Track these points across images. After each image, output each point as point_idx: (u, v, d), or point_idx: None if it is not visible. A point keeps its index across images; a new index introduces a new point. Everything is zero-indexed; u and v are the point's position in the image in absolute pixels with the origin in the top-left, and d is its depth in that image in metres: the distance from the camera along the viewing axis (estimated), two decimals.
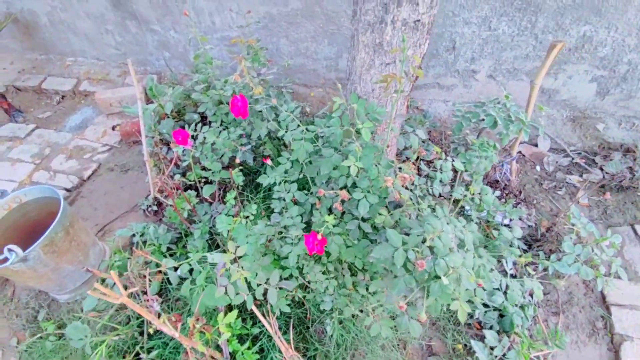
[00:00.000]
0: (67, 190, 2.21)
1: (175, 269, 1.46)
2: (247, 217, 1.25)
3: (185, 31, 2.71)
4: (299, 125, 1.09)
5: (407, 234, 0.97)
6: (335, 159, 0.95)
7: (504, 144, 1.43)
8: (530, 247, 1.84)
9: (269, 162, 1.24)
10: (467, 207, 1.94)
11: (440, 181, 1.19)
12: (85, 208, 2.12)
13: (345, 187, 0.99)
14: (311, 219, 1.24)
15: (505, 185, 1.98)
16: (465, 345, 1.57)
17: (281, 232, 1.24)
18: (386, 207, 1.02)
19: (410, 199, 0.98)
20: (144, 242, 1.74)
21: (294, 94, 2.73)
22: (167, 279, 1.58)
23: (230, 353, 1.36)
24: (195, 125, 1.56)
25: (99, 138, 2.57)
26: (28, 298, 1.72)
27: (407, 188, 0.99)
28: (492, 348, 1.50)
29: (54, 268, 1.52)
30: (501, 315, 1.62)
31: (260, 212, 1.34)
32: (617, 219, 2.07)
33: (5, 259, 1.35)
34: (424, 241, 0.81)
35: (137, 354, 1.44)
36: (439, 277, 0.75)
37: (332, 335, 1.41)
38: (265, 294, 1.14)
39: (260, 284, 1.09)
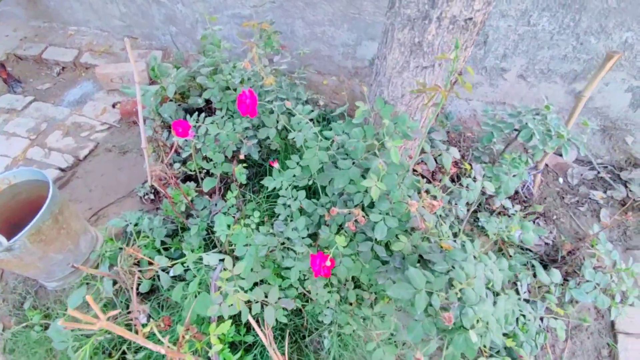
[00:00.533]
0: (62, 169, 2.11)
1: (166, 270, 1.37)
2: (248, 225, 1.13)
3: (194, 5, 2.53)
4: (315, 133, 0.96)
5: (424, 261, 0.85)
6: (353, 173, 0.83)
7: (536, 159, 1.29)
8: (546, 267, 1.72)
9: (276, 165, 1.11)
10: (482, 219, 1.82)
11: (467, 202, 1.07)
12: (80, 189, 2.03)
13: (361, 204, 0.87)
14: (318, 231, 1.12)
15: (526, 198, 1.84)
16: None
17: (284, 243, 1.13)
18: (405, 230, 0.90)
19: (436, 226, 0.86)
20: (138, 233, 1.65)
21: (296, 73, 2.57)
22: (157, 276, 1.49)
23: None
24: (198, 114, 1.43)
25: (97, 115, 2.45)
26: (16, 282, 1.65)
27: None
28: None
29: (41, 256, 1.44)
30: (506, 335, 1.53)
31: (263, 218, 1.23)
32: (636, 241, 1.94)
33: None
34: (450, 284, 0.70)
35: (124, 352, 1.38)
36: (466, 329, 0.65)
37: (329, 350, 1.33)
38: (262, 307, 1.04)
39: (257, 302, 0.99)
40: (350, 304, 1.30)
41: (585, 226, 1.93)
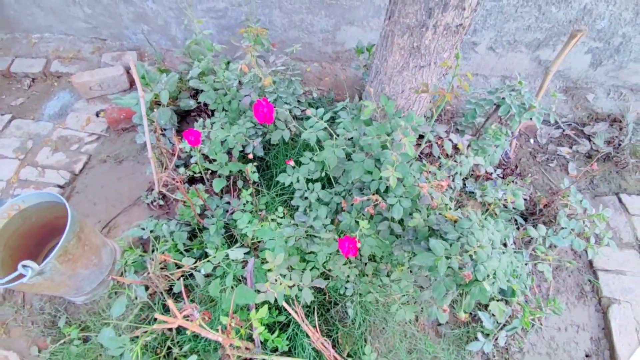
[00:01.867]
0: (60, 187, 2.10)
1: (195, 269, 1.47)
2: (273, 220, 1.25)
3: (165, 2, 2.46)
4: (325, 130, 1.06)
5: (433, 232, 1.01)
6: (368, 165, 0.95)
7: (514, 129, 1.46)
8: (526, 220, 1.97)
9: (291, 163, 1.22)
10: (469, 186, 2.02)
11: (459, 174, 1.23)
12: (84, 204, 2.04)
13: (378, 192, 1.00)
14: (335, 218, 1.26)
15: (505, 161, 2.06)
16: (472, 314, 1.72)
17: (307, 232, 1.26)
18: (417, 208, 1.05)
19: (443, 202, 1.01)
20: (156, 238, 1.73)
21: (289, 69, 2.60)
22: (187, 275, 1.60)
23: (261, 342, 1.43)
24: (204, 120, 1.49)
25: (83, 126, 2.40)
26: (42, 303, 1.70)
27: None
28: (494, 315, 1.65)
29: (71, 275, 1.50)
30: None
31: (283, 212, 1.34)
32: (603, 188, 2.22)
33: (21, 275, 1.31)
34: (463, 248, 0.86)
35: (169, 348, 1.50)
36: (479, 281, 0.82)
37: (354, 319, 1.51)
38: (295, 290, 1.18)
39: (294, 285, 1.13)
40: (368, 276, 1.47)
41: (556, 180, 2.19)
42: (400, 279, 1.32)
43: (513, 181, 2.02)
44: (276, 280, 1.05)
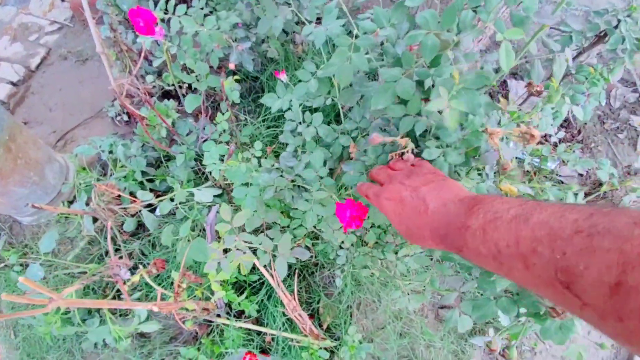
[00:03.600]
0: (14, 84, 1.72)
1: (153, 207, 1.16)
2: (248, 160, 0.88)
3: None
4: (343, 26, 0.62)
5: None
6: (403, 87, 0.54)
7: (615, 74, 0.99)
8: (575, 195, 1.58)
9: (283, 77, 0.80)
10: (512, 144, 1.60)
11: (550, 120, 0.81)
12: (38, 108, 1.68)
13: (410, 134, 0.61)
14: (339, 166, 0.89)
15: (569, 122, 1.59)
16: None
17: (294, 181, 0.90)
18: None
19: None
20: (115, 161, 1.40)
21: None
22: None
23: (225, 303, 1.18)
24: (167, 1, 1.03)
25: (45, 12, 1.93)
26: None
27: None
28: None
29: (1, 192, 1.21)
30: None
31: (265, 149, 0.97)
32: None
33: None
34: None
35: (119, 291, 1.27)
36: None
37: (342, 290, 1.23)
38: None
39: (266, 252, 0.81)
40: (367, 245, 1.15)
41: (622, 155, 1.74)
42: (409, 256, 1.00)
43: (572, 149, 1.58)
44: (236, 247, 0.73)
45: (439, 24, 0.48)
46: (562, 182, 1.54)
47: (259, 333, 1.19)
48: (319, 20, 0.71)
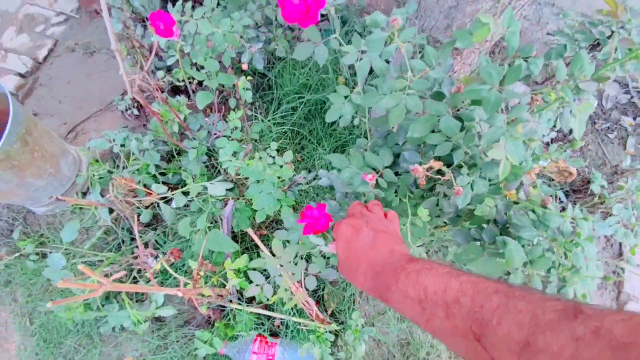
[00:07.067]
0: (22, 75, 1.75)
1: (167, 199, 1.22)
2: (262, 159, 0.94)
3: None
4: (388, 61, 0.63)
5: (504, 226, 0.72)
6: (447, 124, 0.57)
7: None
8: (567, 196, 1.67)
9: (342, 91, 0.74)
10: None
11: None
12: (47, 100, 1.71)
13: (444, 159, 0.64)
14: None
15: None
16: None
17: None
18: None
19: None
20: (127, 154, 1.45)
21: None
22: (158, 204, 1.35)
23: (237, 290, 1.26)
24: (183, 2, 1.07)
25: (51, 3, 1.93)
26: (0, 208, 1.50)
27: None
28: None
29: (19, 183, 1.25)
30: None
31: (281, 149, 1.03)
32: None
33: None
34: (553, 264, 0.58)
35: (135, 279, 1.34)
36: None
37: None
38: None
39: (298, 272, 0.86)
40: None
41: (611, 154, 1.83)
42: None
43: (563, 149, 1.66)
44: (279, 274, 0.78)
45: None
46: (553, 180, 1.63)
47: (268, 317, 1.27)
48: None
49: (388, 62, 0.65)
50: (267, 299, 1.07)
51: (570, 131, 1.78)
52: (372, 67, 0.63)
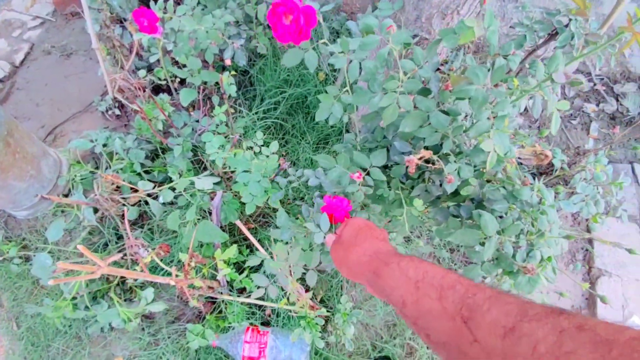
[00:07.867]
0: (0, 80, 1.71)
1: (154, 196, 1.24)
2: (250, 148, 0.98)
3: None
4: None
5: (479, 202, 0.78)
6: (438, 119, 0.63)
7: (557, 71, 1.17)
8: (534, 177, 1.78)
9: (332, 91, 0.72)
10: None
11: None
12: (25, 104, 1.68)
13: (432, 148, 0.69)
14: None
15: (527, 110, 1.79)
16: None
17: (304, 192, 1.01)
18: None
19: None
20: (109, 154, 1.44)
21: None
22: (145, 201, 1.36)
23: (227, 281, 1.28)
24: (165, 1, 1.09)
25: (28, 8, 1.91)
26: None
27: None
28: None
29: (1, 186, 1.24)
30: None
31: (262, 138, 1.07)
32: (619, 154, 2.03)
33: None
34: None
35: (123, 277, 1.33)
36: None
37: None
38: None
39: (296, 265, 0.90)
40: None
41: (575, 139, 1.96)
42: (395, 231, 1.14)
43: (530, 135, 1.78)
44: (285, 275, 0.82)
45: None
46: (521, 164, 1.74)
47: (259, 307, 1.30)
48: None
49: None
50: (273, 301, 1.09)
51: (536, 119, 1.90)
52: (361, 67, 0.68)
